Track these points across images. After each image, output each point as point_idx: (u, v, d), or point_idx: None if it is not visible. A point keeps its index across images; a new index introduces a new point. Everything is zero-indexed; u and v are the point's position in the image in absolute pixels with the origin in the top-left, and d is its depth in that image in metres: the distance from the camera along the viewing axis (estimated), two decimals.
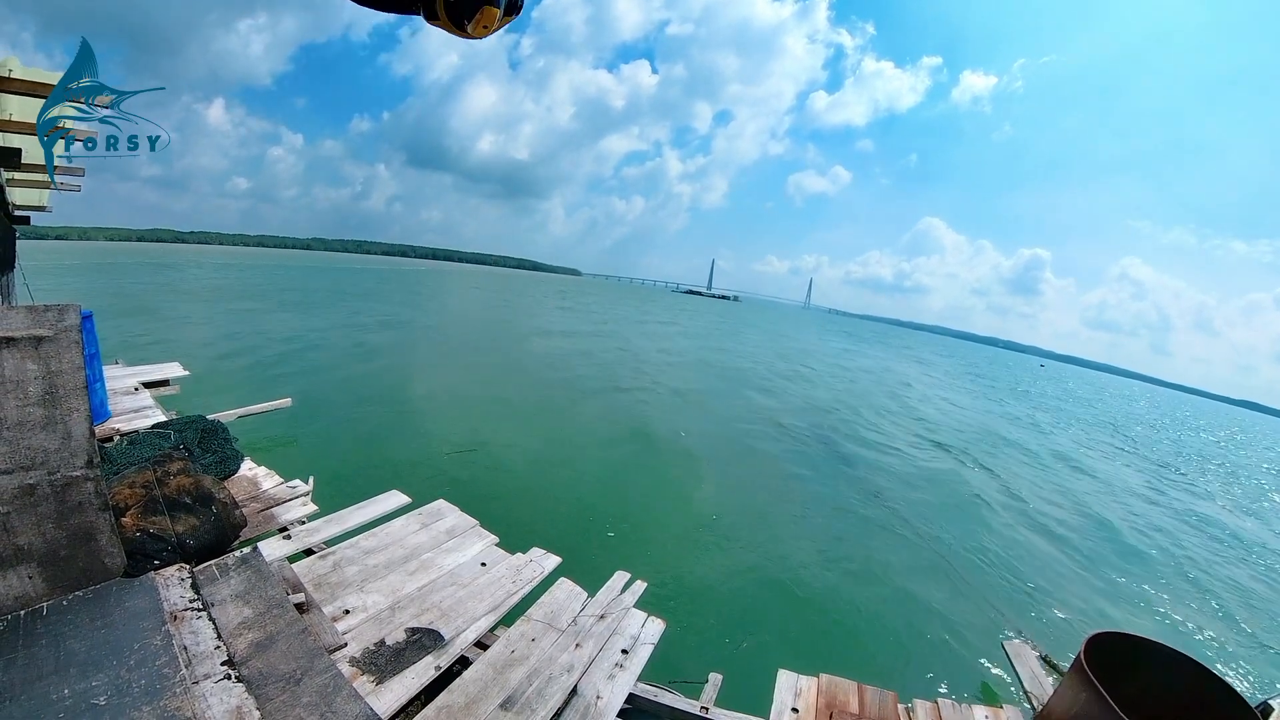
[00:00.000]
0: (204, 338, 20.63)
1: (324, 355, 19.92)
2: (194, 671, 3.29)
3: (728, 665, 4.97)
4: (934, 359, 74.77)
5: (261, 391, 11.17)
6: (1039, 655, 5.85)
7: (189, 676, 3.24)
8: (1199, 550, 14.13)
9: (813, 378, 31.90)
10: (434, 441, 12.34)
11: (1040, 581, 10.55)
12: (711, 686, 4.53)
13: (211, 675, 3.30)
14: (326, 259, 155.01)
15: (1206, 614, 10.60)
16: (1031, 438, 26.60)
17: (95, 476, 3.82)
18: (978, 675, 7.34)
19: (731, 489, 12.44)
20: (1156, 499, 19.31)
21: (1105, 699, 3.15)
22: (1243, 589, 11.98)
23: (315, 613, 4.15)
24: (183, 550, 4.41)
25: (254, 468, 6.38)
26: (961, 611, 8.85)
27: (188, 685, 3.18)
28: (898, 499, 13.59)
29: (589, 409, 17.35)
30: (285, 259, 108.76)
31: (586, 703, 3.97)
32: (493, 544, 5.69)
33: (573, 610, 4.88)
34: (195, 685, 3.20)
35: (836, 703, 4.46)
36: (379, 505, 6.00)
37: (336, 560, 4.90)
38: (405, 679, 3.76)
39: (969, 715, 4.61)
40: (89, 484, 3.79)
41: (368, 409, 14.06)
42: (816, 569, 9.41)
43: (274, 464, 6.55)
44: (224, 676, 3.31)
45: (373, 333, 26.40)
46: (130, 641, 3.40)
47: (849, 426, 21.12)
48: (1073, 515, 15.15)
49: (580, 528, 9.27)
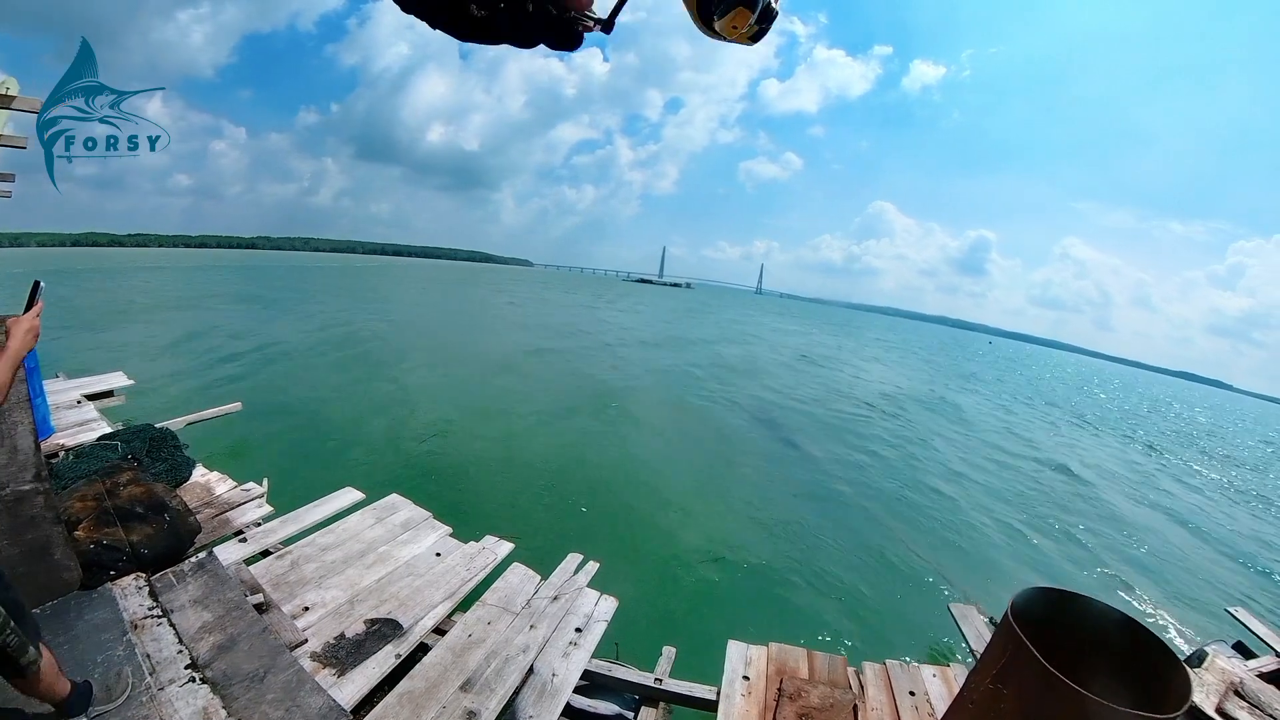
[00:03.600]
0: (148, 345, 20.26)
1: (272, 356, 19.79)
2: (159, 678, 3.47)
3: (681, 639, 5.25)
4: (885, 339, 77.81)
5: (211, 397, 11.14)
6: (984, 616, 6.11)
7: (154, 684, 3.42)
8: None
9: (768, 369, 32.69)
10: (387, 437, 12.51)
11: (975, 540, 11.17)
12: (665, 659, 4.82)
13: (176, 680, 3.48)
14: (272, 258, 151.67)
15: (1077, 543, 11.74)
16: (969, 400, 28.84)
17: (45, 490, 3.93)
18: (927, 637, 7.77)
19: (682, 469, 12.80)
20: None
21: (1030, 650, 3.21)
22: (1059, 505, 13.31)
23: (275, 612, 4.33)
24: (138, 559, 4.53)
25: (206, 473, 6.48)
26: (907, 576, 9.31)
27: (154, 692, 3.36)
28: (842, 469, 14.18)
29: (534, 399, 17.63)
30: (229, 259, 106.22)
31: (543, 680, 4.23)
32: (446, 534, 5.92)
33: (527, 593, 5.13)
34: (161, 691, 3.39)
35: (787, 669, 4.73)
36: (334, 503, 6.16)
37: (294, 559, 5.08)
38: (367, 669, 3.99)
39: (917, 674, 4.90)
40: (39, 498, 3.90)
41: (319, 408, 14.12)
42: (764, 540, 9.80)
43: (227, 468, 6.65)
44: (189, 680, 3.50)
45: (320, 332, 26.18)
46: (94, 654, 3.57)
47: (790, 400, 22.02)
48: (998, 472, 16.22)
49: (533, 513, 9.54)
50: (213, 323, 25.84)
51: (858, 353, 52.13)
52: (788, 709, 4.32)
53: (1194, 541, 14.17)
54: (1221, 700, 4.86)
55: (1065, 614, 3.79)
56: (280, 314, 32.01)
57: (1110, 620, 3.71)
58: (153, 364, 16.61)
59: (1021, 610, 3.53)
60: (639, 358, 29.17)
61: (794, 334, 63.96)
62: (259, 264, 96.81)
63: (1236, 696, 4.96)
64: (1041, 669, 3.04)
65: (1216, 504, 18.88)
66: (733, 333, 53.34)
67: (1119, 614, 3.74)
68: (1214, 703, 4.82)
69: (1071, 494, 15.99)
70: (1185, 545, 13.69)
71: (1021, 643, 3.17)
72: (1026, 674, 3.17)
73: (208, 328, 24.30)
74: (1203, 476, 23.33)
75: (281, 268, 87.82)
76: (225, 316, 28.64)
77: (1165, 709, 2.94)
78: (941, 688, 4.78)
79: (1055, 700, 3.00)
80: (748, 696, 4.43)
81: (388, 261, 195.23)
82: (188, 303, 34.31)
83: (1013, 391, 42.54)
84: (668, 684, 4.55)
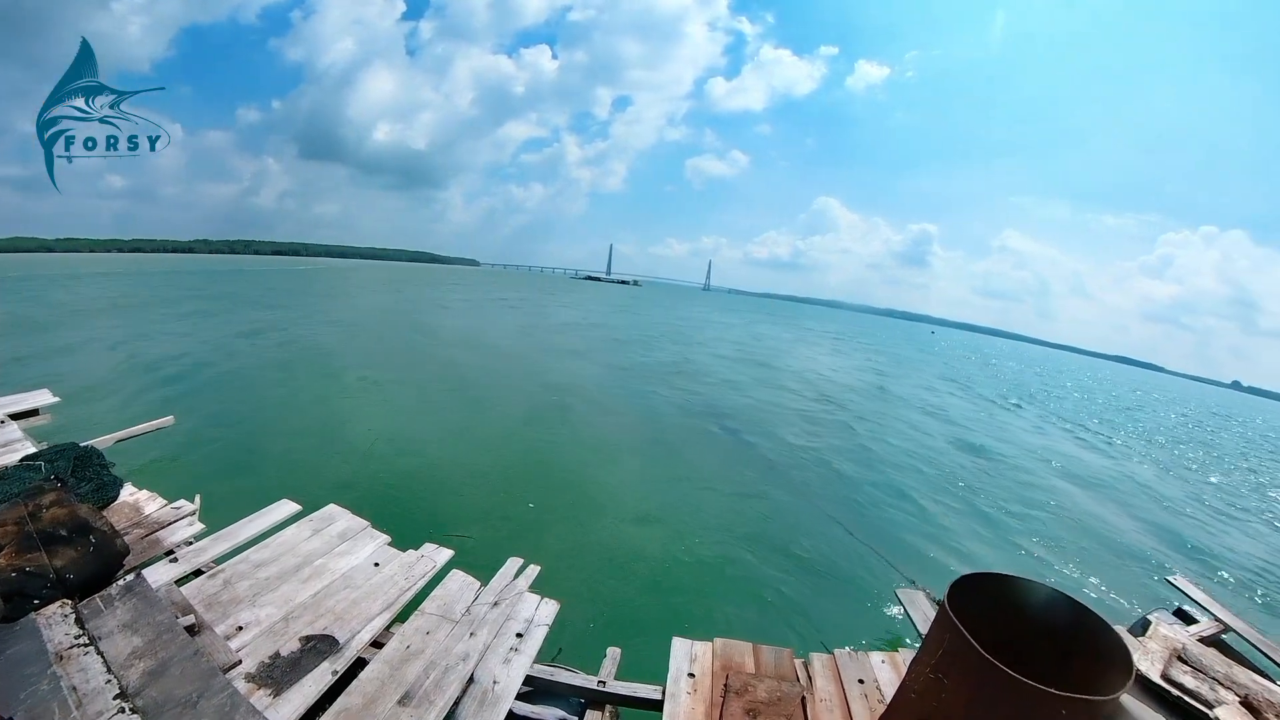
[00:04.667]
0: (77, 359, 19.39)
1: (206, 368, 19.15)
2: (85, 711, 3.40)
3: (625, 639, 5.31)
4: (823, 329, 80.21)
5: (142, 411, 10.80)
6: (931, 600, 6.23)
7: (80, 717, 3.34)
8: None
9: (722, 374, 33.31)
10: (326, 445, 12.31)
11: (917, 523, 11.53)
12: (610, 660, 4.87)
13: (105, 711, 3.42)
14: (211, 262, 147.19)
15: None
16: (908, 390, 30.34)
17: None
18: (877, 624, 7.94)
19: (622, 468, 12.90)
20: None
21: (967, 639, 3.25)
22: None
23: (208, 633, 4.27)
24: (64, 585, 4.42)
25: (135, 492, 6.32)
26: (852, 564, 9.51)
27: None
28: (782, 460, 14.49)
29: (476, 403, 17.64)
30: (165, 265, 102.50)
31: (484, 689, 4.25)
32: (385, 543, 5.90)
33: (466, 600, 5.15)
34: None
35: (732, 664, 4.82)
36: (269, 516, 6.07)
37: (227, 577, 5.00)
38: (303, 687, 3.96)
39: (865, 662, 5.04)
40: None
41: (256, 419, 13.84)
42: (706, 536, 9.94)
43: (157, 486, 6.50)
44: (118, 710, 3.43)
45: (255, 340, 25.43)
46: (17, 690, 3.48)
47: (727, 394, 22.58)
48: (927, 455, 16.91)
49: (474, 518, 9.52)
50: (146, 333, 24.82)
51: (798, 345, 53.40)
52: (735, 704, 4.39)
53: (1121, 513, 15.01)
54: (1166, 666, 5.12)
55: (1006, 598, 3.86)
56: (217, 321, 30.92)
57: (1050, 601, 3.80)
58: (82, 379, 15.94)
59: (960, 598, 3.58)
60: (582, 357, 29.24)
61: (735, 328, 64.91)
62: (197, 269, 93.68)
63: (1180, 662, 5.24)
64: (978, 656, 3.11)
65: (1142, 474, 20.61)
66: (676, 327, 53.89)
67: (1059, 594, 3.80)
68: (1159, 669, 5.07)
69: (997, 474, 16.72)
70: (1114, 517, 14.46)
71: (959, 631, 3.24)
72: (965, 662, 3.22)
73: (141, 338, 23.37)
74: (1132, 449, 25.18)
75: (221, 272, 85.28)
76: (160, 326, 27.47)
77: (1110, 684, 3.07)
78: (891, 674, 4.92)
79: (995, 687, 3.06)
80: (694, 694, 4.50)
81: (332, 264, 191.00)
82: (120, 311, 32.89)
83: (946, 377, 44.66)
84: (613, 686, 4.61)
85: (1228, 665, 5.31)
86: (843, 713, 4.50)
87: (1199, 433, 38.99)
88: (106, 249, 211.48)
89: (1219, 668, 5.20)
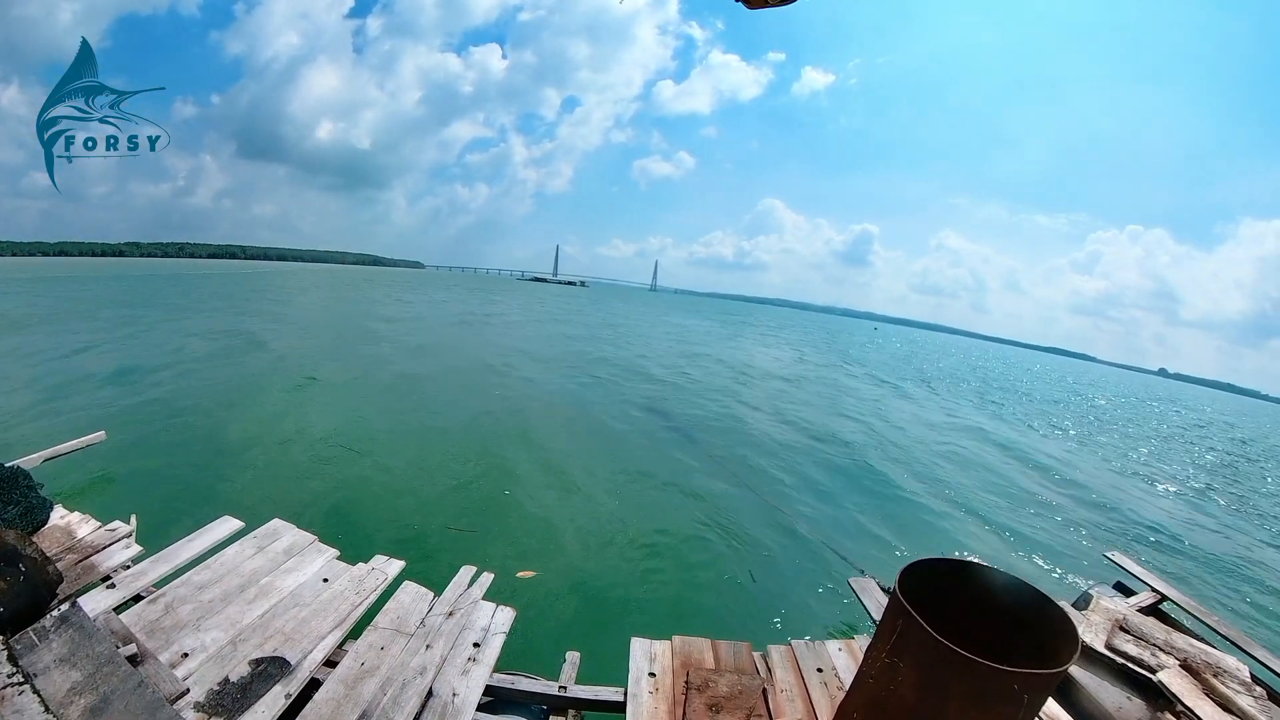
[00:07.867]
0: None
1: (138, 380, 18.32)
2: None
3: (584, 642, 5.35)
4: (766, 325, 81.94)
5: (71, 427, 10.39)
6: (882, 588, 6.44)
7: None
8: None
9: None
10: (268, 457, 12.03)
11: (866, 513, 11.85)
12: (570, 665, 4.91)
13: None
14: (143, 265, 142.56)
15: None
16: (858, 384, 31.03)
17: None
18: (832, 613, 8.12)
19: (571, 470, 12.94)
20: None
21: (919, 622, 3.39)
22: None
23: (151, 662, 4.17)
24: None
25: (66, 515, 6.11)
26: (805, 556, 9.70)
27: None
28: (730, 455, 14.75)
29: (423, 409, 17.47)
30: (93, 269, 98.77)
31: (443, 702, 4.24)
32: (334, 558, 5.81)
33: (420, 612, 5.13)
34: None
35: (692, 661, 4.90)
36: (210, 534, 5.92)
37: (168, 602, 4.88)
38: (256, 714, 3.91)
39: (823, 651, 5.19)
40: None
41: (193, 431, 13.39)
42: (659, 534, 10.05)
43: (90, 507, 6.31)
44: None
45: (194, 347, 24.56)
46: None
47: (675, 393, 22.98)
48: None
49: (422, 527, 9.45)
50: (72, 343, 23.58)
51: (738, 342, 54.39)
52: (697, 701, 4.47)
53: (1057, 491, 15.75)
54: (1110, 636, 5.47)
55: (955, 582, 4.05)
56: (149, 329, 29.61)
57: (996, 582, 4.02)
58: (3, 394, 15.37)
59: (911, 583, 3.73)
60: (524, 358, 29.18)
61: (679, 327, 65.64)
62: (127, 273, 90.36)
63: (1122, 631, 5.58)
64: (931, 639, 3.26)
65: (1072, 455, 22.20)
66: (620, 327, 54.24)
67: (1005, 575, 4.08)
68: (1103, 640, 5.41)
69: (959, 462, 17.25)
70: (1053, 497, 15.11)
71: (911, 616, 3.38)
72: (919, 645, 3.37)
73: (67, 348, 22.26)
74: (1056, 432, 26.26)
75: (154, 276, 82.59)
76: (87, 335, 26.14)
77: (1058, 657, 3.25)
78: (849, 661, 5.08)
79: (948, 667, 3.22)
80: (655, 693, 4.56)
81: (271, 267, 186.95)
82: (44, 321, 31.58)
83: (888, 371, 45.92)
84: (574, 690, 4.65)
85: (1166, 632, 5.65)
86: (803, 702, 4.61)
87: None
88: (30, 252, 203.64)
89: (1159, 635, 5.54)
